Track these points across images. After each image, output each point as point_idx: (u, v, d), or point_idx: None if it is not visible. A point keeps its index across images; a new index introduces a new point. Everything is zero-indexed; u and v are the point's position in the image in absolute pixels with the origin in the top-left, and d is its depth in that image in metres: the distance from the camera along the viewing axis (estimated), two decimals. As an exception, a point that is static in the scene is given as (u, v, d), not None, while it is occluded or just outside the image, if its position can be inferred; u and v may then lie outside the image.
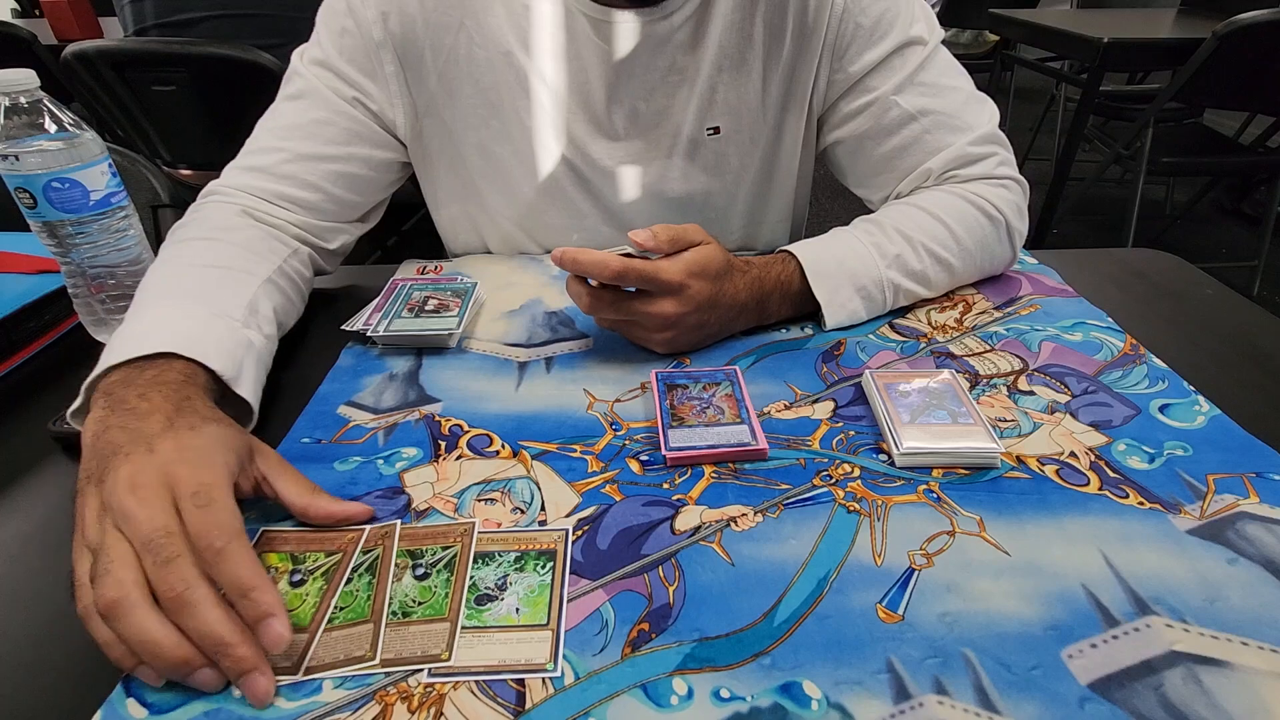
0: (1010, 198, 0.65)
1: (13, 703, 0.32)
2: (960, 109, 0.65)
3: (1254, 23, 1.58)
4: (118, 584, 0.31)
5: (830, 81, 0.66)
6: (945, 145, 0.64)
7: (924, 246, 0.60)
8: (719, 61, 0.64)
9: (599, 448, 0.46)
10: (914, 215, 0.62)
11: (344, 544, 0.38)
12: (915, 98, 0.64)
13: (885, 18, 0.62)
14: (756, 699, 0.31)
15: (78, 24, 1.97)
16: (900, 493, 0.42)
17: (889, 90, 0.63)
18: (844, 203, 2.90)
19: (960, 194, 0.63)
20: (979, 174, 0.65)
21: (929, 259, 0.60)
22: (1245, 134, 2.44)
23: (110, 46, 1.35)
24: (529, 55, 0.63)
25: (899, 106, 0.64)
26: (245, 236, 0.57)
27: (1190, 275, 0.69)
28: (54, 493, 0.45)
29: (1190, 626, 0.34)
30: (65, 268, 0.55)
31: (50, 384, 0.55)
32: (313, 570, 0.37)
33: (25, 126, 0.50)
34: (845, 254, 0.59)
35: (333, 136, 0.63)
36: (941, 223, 0.61)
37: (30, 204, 0.51)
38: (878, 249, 0.59)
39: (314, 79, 0.63)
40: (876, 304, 0.60)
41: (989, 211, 0.63)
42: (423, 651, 0.33)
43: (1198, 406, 0.49)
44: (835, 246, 0.60)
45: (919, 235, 0.60)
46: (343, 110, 0.63)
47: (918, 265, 0.60)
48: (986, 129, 0.65)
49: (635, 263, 0.50)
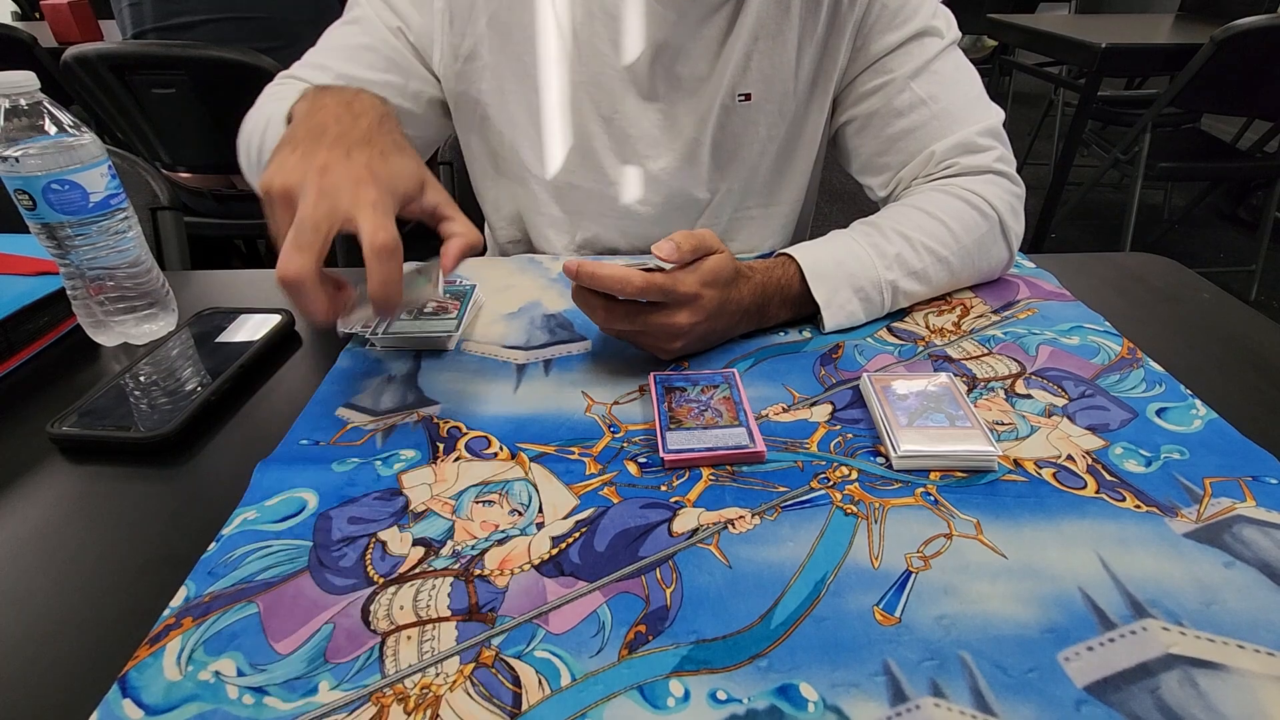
0: (1006, 195, 0.65)
1: (9, 703, 0.32)
2: (970, 103, 0.66)
3: (1251, 28, 1.59)
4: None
5: (851, 60, 0.67)
6: (951, 132, 0.65)
7: (923, 245, 0.61)
8: (756, 30, 0.66)
9: (597, 450, 0.46)
10: (911, 215, 0.63)
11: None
12: (928, 85, 0.65)
13: (911, 3, 0.65)
14: (753, 701, 0.31)
15: (78, 27, 1.98)
16: (897, 495, 0.42)
17: (905, 74, 0.65)
18: (843, 207, 2.91)
19: (956, 193, 0.64)
20: (979, 165, 0.65)
21: (929, 256, 0.61)
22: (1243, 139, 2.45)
23: (110, 49, 1.36)
24: (580, 9, 0.65)
25: (911, 90, 0.65)
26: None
27: (1188, 279, 0.69)
28: (52, 495, 0.45)
29: (1187, 629, 0.34)
30: (64, 269, 0.55)
31: (49, 386, 0.55)
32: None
33: (25, 128, 0.50)
34: (844, 256, 0.59)
35: (372, 62, 0.67)
36: (939, 221, 0.62)
37: (30, 206, 0.51)
38: (876, 250, 0.60)
39: (366, 5, 0.68)
40: (875, 305, 0.60)
41: (984, 210, 0.63)
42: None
43: (1195, 410, 0.49)
44: (834, 249, 0.60)
45: (917, 234, 0.61)
46: (384, 38, 0.67)
47: (917, 264, 0.60)
48: (993, 123, 0.66)
49: (656, 278, 0.49)
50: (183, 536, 0.40)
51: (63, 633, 0.35)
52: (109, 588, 0.38)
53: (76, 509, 0.44)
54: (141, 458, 0.47)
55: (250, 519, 0.41)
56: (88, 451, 0.47)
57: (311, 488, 0.43)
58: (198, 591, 0.37)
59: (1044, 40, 2.14)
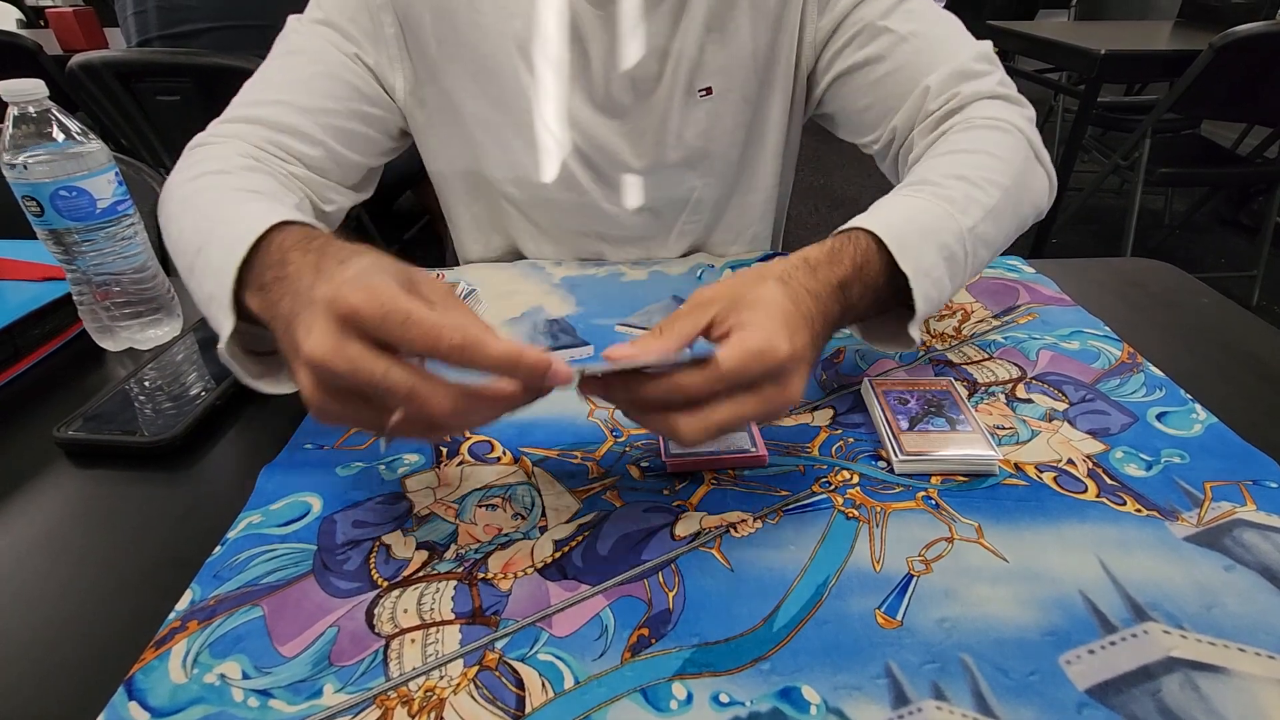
0: (1021, 118, 0.58)
1: (16, 706, 0.32)
2: (954, 33, 0.62)
3: (1250, 34, 1.60)
4: (415, 401, 0.32)
5: (819, 28, 0.65)
6: (941, 63, 0.60)
7: (983, 179, 0.51)
8: (707, 23, 0.64)
9: (600, 454, 0.47)
10: (951, 159, 0.53)
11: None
12: (905, 22, 0.61)
13: None
14: (755, 704, 0.31)
15: (83, 34, 1.99)
16: (899, 499, 0.42)
17: (876, 16, 0.62)
18: (842, 212, 2.91)
19: (977, 123, 0.56)
20: (982, 90, 0.59)
21: (995, 191, 0.51)
22: (1243, 145, 2.45)
23: (115, 57, 1.37)
24: (528, 20, 0.63)
25: (889, 31, 0.61)
26: (265, 175, 0.55)
27: (1188, 285, 0.69)
28: (58, 498, 0.45)
29: (1188, 633, 0.34)
30: (71, 275, 0.55)
31: (55, 390, 0.55)
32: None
33: (34, 135, 0.51)
34: (914, 212, 0.48)
35: (335, 91, 0.62)
36: (982, 153, 0.53)
37: (38, 212, 0.52)
38: (943, 198, 0.49)
39: (314, 35, 0.62)
40: (959, 266, 0.48)
41: (1011, 132, 0.56)
42: None
43: (1195, 415, 0.49)
44: (900, 207, 0.49)
45: (972, 171, 0.51)
46: (345, 65, 0.62)
47: (988, 200, 0.50)
48: (984, 49, 0.61)
49: (734, 356, 0.35)
50: (188, 540, 0.41)
51: (69, 636, 0.36)
52: (115, 591, 0.38)
53: (82, 513, 0.44)
54: (147, 462, 0.47)
55: (255, 523, 0.41)
56: (94, 456, 0.48)
57: (316, 492, 0.43)
58: (203, 595, 0.37)
59: (1044, 47, 2.15)
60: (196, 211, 0.49)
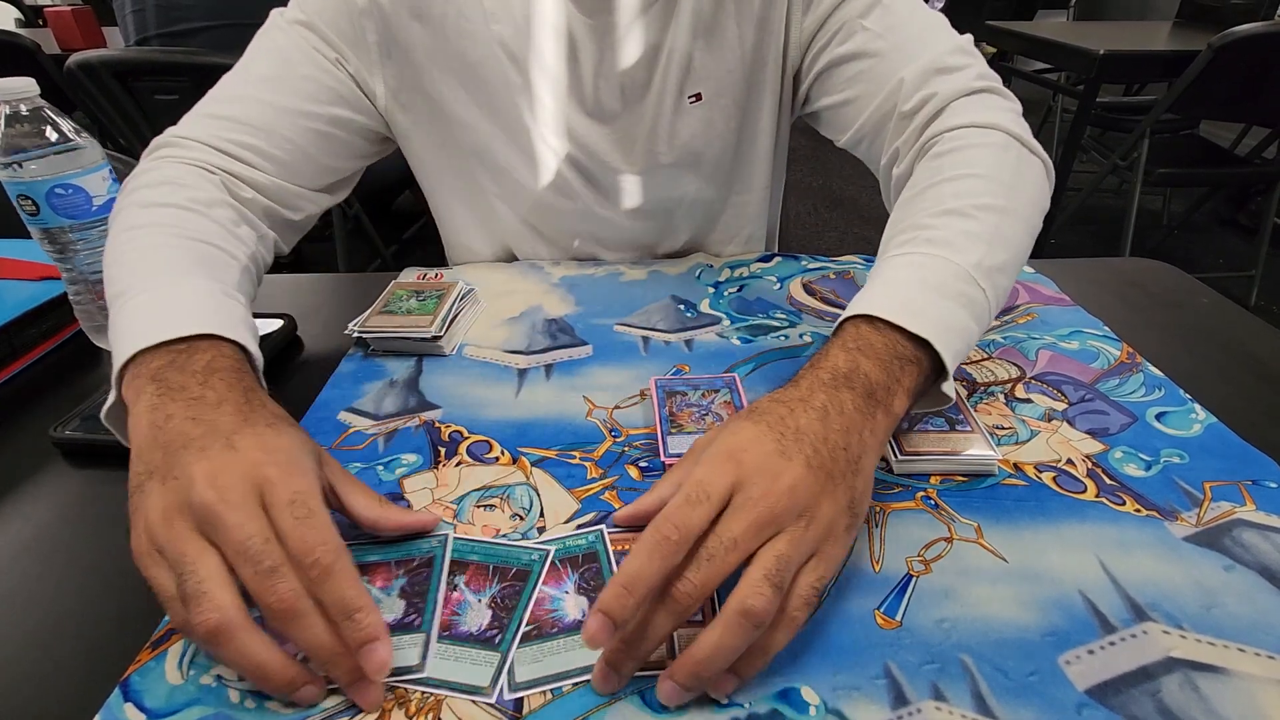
0: (1002, 113, 0.55)
1: (11, 707, 0.32)
2: (930, 29, 0.61)
3: (1249, 35, 1.60)
4: (217, 607, 0.29)
5: (803, 28, 0.65)
6: (917, 57, 0.58)
7: (973, 206, 0.48)
8: (694, 29, 0.64)
9: (598, 454, 0.47)
10: (933, 192, 0.51)
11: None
12: (882, 19, 0.61)
13: None
14: (754, 705, 0.31)
15: (81, 33, 1.98)
16: (898, 499, 0.42)
17: (855, 14, 0.62)
18: (843, 213, 2.92)
19: (950, 146, 0.53)
20: (959, 87, 0.56)
21: (991, 215, 0.48)
22: (1241, 145, 2.46)
23: (114, 56, 1.36)
24: (516, 28, 0.63)
25: (865, 29, 0.61)
26: (222, 215, 0.53)
27: (1187, 285, 0.69)
28: (55, 498, 0.45)
29: (1187, 633, 0.34)
30: (66, 274, 0.55)
31: (51, 390, 0.55)
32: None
33: (27, 134, 0.50)
34: (906, 275, 0.45)
35: (314, 94, 0.61)
36: (966, 177, 0.50)
37: (32, 211, 0.51)
38: (932, 244, 0.46)
39: (295, 36, 0.61)
40: (979, 304, 0.44)
41: (991, 136, 0.53)
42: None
43: (1194, 414, 0.49)
44: (891, 277, 0.46)
45: (958, 202, 0.48)
46: (326, 69, 0.61)
47: (984, 228, 0.47)
48: (961, 42, 0.60)
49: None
50: (184, 540, 0.40)
51: (64, 636, 0.35)
52: (111, 591, 0.38)
53: (79, 513, 0.44)
54: (143, 462, 0.46)
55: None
56: (90, 455, 0.48)
57: (313, 492, 0.43)
58: (199, 595, 0.36)
59: (1042, 47, 2.15)
60: (136, 255, 0.47)
